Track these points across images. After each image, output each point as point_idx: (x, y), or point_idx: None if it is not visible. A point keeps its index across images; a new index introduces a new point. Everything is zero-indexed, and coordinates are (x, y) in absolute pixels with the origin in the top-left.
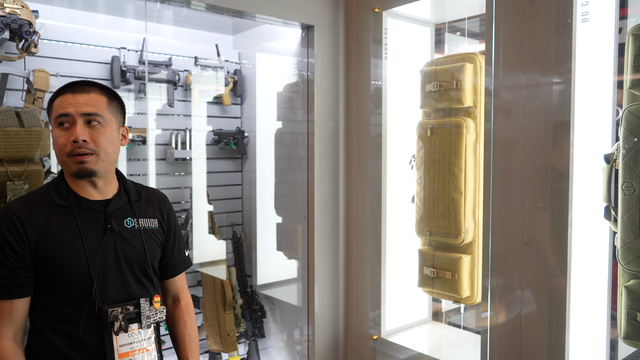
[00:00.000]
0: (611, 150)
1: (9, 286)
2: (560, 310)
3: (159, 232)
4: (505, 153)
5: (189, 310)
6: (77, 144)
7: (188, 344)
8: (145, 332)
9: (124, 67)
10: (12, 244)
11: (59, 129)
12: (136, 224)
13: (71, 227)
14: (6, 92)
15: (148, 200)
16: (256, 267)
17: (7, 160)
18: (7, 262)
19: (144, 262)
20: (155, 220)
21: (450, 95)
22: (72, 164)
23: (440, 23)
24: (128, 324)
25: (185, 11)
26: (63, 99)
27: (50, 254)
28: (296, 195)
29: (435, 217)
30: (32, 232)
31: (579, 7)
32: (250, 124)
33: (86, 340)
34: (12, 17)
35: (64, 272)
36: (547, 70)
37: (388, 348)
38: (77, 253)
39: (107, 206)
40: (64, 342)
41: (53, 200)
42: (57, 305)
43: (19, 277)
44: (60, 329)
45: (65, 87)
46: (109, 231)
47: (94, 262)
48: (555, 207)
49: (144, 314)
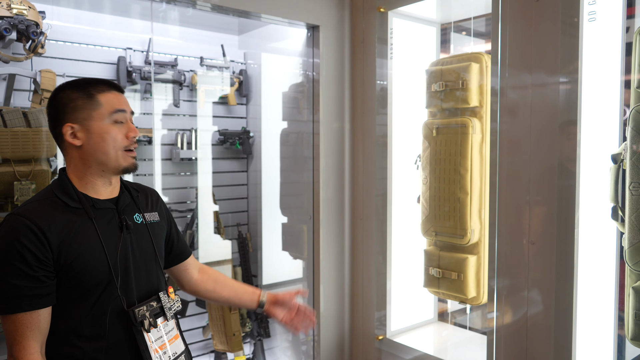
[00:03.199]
0: (618, 150)
1: (35, 296)
2: (567, 311)
3: (161, 225)
4: (511, 153)
5: (213, 270)
6: (134, 139)
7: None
8: (170, 323)
9: (130, 68)
10: (35, 252)
11: (114, 124)
12: (143, 219)
13: (89, 230)
14: (13, 92)
15: (145, 195)
16: (262, 267)
17: (14, 160)
18: (31, 272)
19: (155, 255)
20: (155, 214)
21: (456, 95)
22: (126, 158)
23: (446, 23)
24: (156, 319)
25: (191, 11)
26: (113, 95)
27: (72, 260)
28: (301, 195)
29: (441, 217)
30: (53, 239)
31: (586, 6)
32: (256, 124)
33: (113, 341)
34: (20, 18)
35: (86, 275)
36: (554, 70)
37: (393, 348)
38: (98, 255)
39: (117, 204)
40: (90, 346)
41: (65, 203)
42: (80, 310)
43: (45, 286)
44: (85, 333)
45: (104, 82)
46: (125, 229)
47: (115, 262)
48: (561, 207)
49: (166, 306)
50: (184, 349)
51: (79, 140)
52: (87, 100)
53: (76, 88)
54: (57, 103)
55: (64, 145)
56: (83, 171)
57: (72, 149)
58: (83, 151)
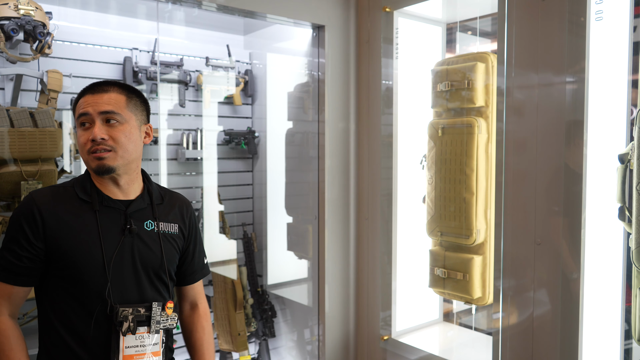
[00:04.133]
0: (625, 150)
1: (11, 272)
2: (574, 312)
3: (179, 237)
4: (517, 153)
5: (206, 316)
6: (95, 142)
7: (206, 349)
8: (152, 337)
9: (136, 68)
10: (28, 235)
11: (80, 128)
12: (156, 227)
13: (90, 223)
14: (20, 92)
15: (171, 205)
16: (267, 267)
17: (21, 160)
18: (17, 250)
19: (160, 266)
20: (175, 226)
21: (461, 95)
22: (91, 161)
23: (451, 22)
24: (137, 326)
25: (197, 12)
26: (84, 99)
27: (65, 248)
28: (307, 195)
29: (447, 217)
30: (50, 225)
31: (593, 5)
32: (261, 124)
33: (96, 339)
34: (27, 19)
35: (78, 268)
36: (560, 70)
37: (399, 349)
38: (94, 250)
39: (128, 206)
40: (73, 339)
41: (77, 194)
42: (70, 302)
43: (24, 267)
44: (71, 326)
45: (87, 88)
46: (128, 232)
47: (109, 261)
48: (568, 207)
49: (154, 319)
50: None
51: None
52: (73, 107)
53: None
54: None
55: None
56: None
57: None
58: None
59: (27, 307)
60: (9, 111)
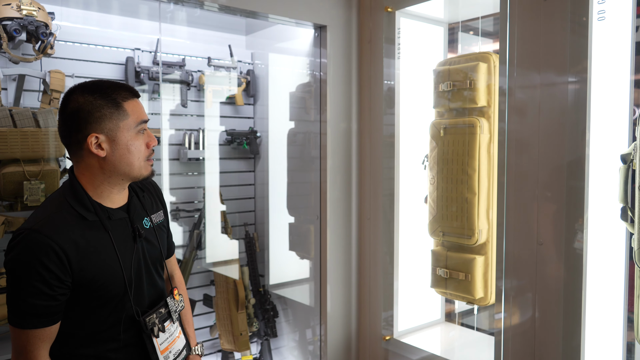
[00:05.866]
0: (628, 150)
1: (49, 314)
2: (576, 313)
3: (165, 221)
4: (519, 153)
5: (182, 284)
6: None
7: (184, 314)
8: (174, 325)
9: (138, 68)
10: (56, 272)
11: (138, 135)
12: (151, 223)
13: (106, 244)
14: (23, 93)
15: (150, 193)
16: (268, 267)
17: (23, 160)
18: (49, 292)
19: (161, 258)
20: (160, 212)
21: (463, 95)
22: (146, 168)
23: (453, 22)
24: (163, 324)
25: (199, 12)
26: (138, 105)
27: (92, 274)
28: (308, 195)
29: (449, 217)
30: (74, 257)
31: (595, 5)
32: (263, 124)
33: (126, 343)
34: (29, 19)
35: (105, 288)
36: (563, 70)
37: (400, 349)
38: (115, 268)
39: (129, 211)
40: (104, 346)
41: (81, 215)
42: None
43: (59, 304)
44: (100, 337)
45: (131, 89)
46: (138, 237)
47: (129, 273)
48: (570, 207)
49: (172, 309)
50: (185, 342)
51: (104, 151)
52: (114, 110)
53: (98, 94)
54: (79, 110)
55: (81, 152)
56: (101, 180)
57: (93, 158)
58: (106, 162)
59: None
60: (11, 111)
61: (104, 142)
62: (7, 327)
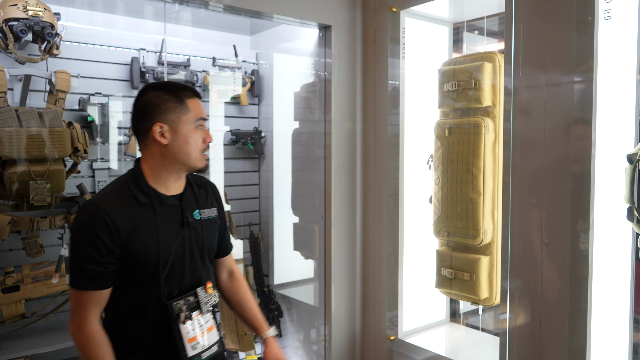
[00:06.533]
0: (634, 150)
1: (99, 279)
2: (582, 313)
3: (218, 218)
4: (524, 153)
5: (243, 279)
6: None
7: (254, 303)
8: (205, 317)
9: (143, 68)
10: (107, 243)
11: (197, 129)
12: (201, 215)
13: (152, 224)
14: (29, 93)
15: (205, 191)
16: (273, 267)
17: (29, 160)
18: (100, 259)
19: (207, 250)
20: (214, 209)
21: (468, 95)
22: (200, 160)
23: (458, 22)
24: (191, 313)
25: (204, 12)
26: (198, 103)
27: (137, 249)
28: (313, 195)
29: (454, 217)
30: (124, 231)
31: (601, 4)
32: (268, 124)
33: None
34: (35, 20)
35: (148, 264)
36: (568, 69)
37: (405, 349)
38: (159, 247)
39: (181, 200)
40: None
41: (136, 197)
42: (141, 294)
43: (109, 272)
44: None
45: (192, 90)
46: (186, 225)
47: (167, 255)
48: (576, 207)
49: (202, 301)
50: (218, 339)
51: (166, 139)
52: (178, 105)
53: (166, 91)
54: (148, 102)
55: (146, 140)
56: (160, 167)
57: (156, 145)
58: (167, 149)
59: (36, 306)
60: (17, 111)
61: (167, 131)
62: (12, 327)
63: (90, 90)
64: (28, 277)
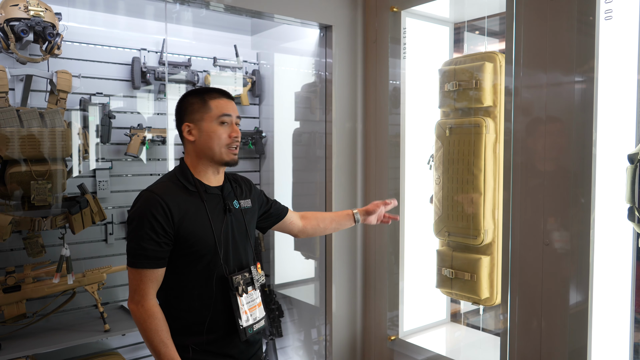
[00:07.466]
0: (635, 150)
1: (157, 258)
2: (582, 313)
3: (254, 208)
4: (525, 153)
5: (312, 212)
6: (236, 139)
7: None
8: (256, 293)
9: (144, 68)
10: (163, 223)
11: (220, 125)
12: (239, 206)
13: (201, 210)
14: (30, 93)
15: (240, 185)
16: (274, 267)
17: (30, 160)
18: (156, 239)
19: (248, 235)
20: (249, 201)
21: (469, 95)
22: (227, 154)
23: (459, 22)
24: (247, 287)
25: (204, 12)
26: (222, 102)
27: (188, 232)
28: (314, 194)
29: (454, 217)
30: (176, 214)
31: (602, 4)
32: (268, 124)
33: (215, 299)
34: (36, 20)
35: (198, 245)
36: (569, 69)
37: (406, 349)
38: (207, 231)
39: (222, 191)
40: (199, 302)
41: (185, 186)
42: (192, 272)
43: (165, 251)
44: (195, 292)
45: (218, 91)
46: (228, 211)
47: (219, 237)
48: (577, 207)
49: (255, 278)
50: (264, 315)
51: (193, 136)
52: (202, 105)
53: (195, 94)
54: (180, 106)
55: (183, 140)
56: (197, 161)
57: (189, 143)
58: (196, 145)
59: (38, 306)
60: (19, 111)
61: (193, 129)
62: (13, 327)
63: (92, 90)
64: (29, 277)
